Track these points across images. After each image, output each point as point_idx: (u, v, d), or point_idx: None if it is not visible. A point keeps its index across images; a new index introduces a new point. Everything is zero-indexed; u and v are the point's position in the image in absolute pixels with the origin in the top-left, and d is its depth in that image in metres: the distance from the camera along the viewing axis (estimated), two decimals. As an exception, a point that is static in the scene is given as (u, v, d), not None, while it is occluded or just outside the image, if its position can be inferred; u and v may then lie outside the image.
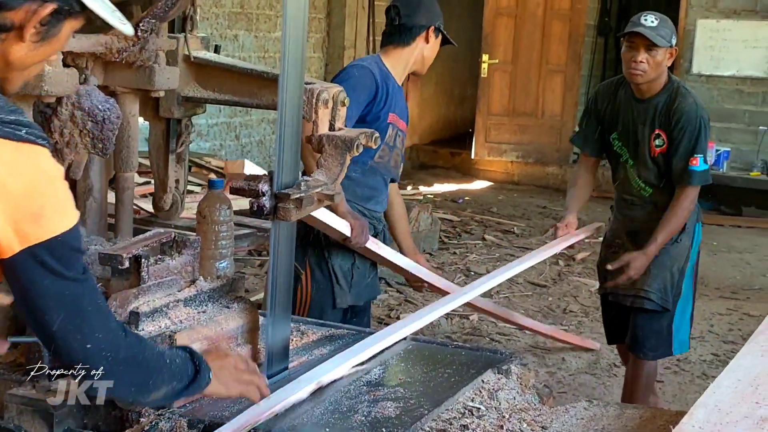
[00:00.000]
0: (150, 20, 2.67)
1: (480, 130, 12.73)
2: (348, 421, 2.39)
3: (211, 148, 9.63)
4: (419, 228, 8.37)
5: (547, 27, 12.54)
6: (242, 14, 9.97)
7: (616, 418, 2.68)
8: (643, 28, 4.26)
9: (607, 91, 4.60)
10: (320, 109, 2.68)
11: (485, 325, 6.69)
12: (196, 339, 2.46)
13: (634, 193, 4.55)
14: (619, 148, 4.52)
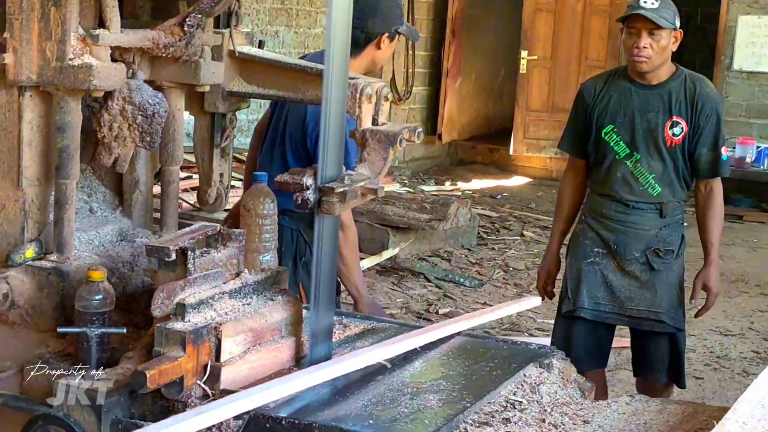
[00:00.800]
0: (196, 15, 2.69)
1: (518, 126, 12.71)
2: (391, 413, 2.41)
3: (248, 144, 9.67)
4: (458, 224, 8.38)
5: (586, 22, 12.49)
6: (282, 10, 10.01)
7: (658, 413, 2.68)
8: (644, 11, 3.96)
9: (595, 84, 4.28)
10: (364, 103, 2.69)
11: (524, 321, 6.69)
12: (242, 331, 2.49)
13: (636, 194, 4.15)
14: (615, 143, 4.15)
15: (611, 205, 4.20)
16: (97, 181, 3.00)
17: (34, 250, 2.65)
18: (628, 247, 4.17)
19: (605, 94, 4.19)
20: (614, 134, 4.16)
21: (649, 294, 4.17)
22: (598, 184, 4.25)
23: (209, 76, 2.89)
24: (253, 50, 3.03)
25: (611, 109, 4.16)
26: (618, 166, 4.16)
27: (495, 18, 13.67)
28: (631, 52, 4.05)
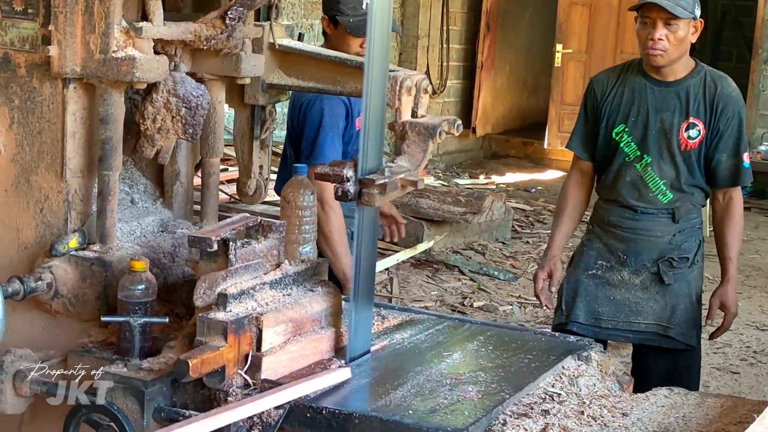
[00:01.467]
0: (238, 8, 2.71)
1: (553, 120, 12.66)
2: (430, 404, 2.42)
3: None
4: (492, 217, 8.37)
5: (621, 16, 12.40)
6: (318, 3, 10.02)
7: (696, 406, 2.68)
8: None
9: (608, 78, 3.92)
10: (403, 96, 2.70)
11: (559, 315, 6.68)
12: (282, 321, 2.51)
13: (646, 200, 3.84)
14: (626, 144, 3.82)
15: (618, 211, 3.90)
16: (138, 173, 3.03)
17: (77, 240, 2.68)
18: (639, 256, 3.87)
19: (618, 90, 3.86)
20: (625, 134, 3.84)
21: (658, 306, 3.84)
22: (606, 188, 3.93)
23: (250, 68, 2.91)
24: (293, 43, 3.05)
25: (624, 107, 3.84)
26: (627, 169, 3.85)
27: (530, 11, 13.63)
28: (645, 44, 3.69)
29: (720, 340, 6.32)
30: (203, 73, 2.91)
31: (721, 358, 6.07)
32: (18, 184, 2.72)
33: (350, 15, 3.77)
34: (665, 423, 2.56)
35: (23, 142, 2.70)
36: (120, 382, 2.40)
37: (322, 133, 3.85)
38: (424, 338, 2.88)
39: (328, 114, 3.82)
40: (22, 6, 2.64)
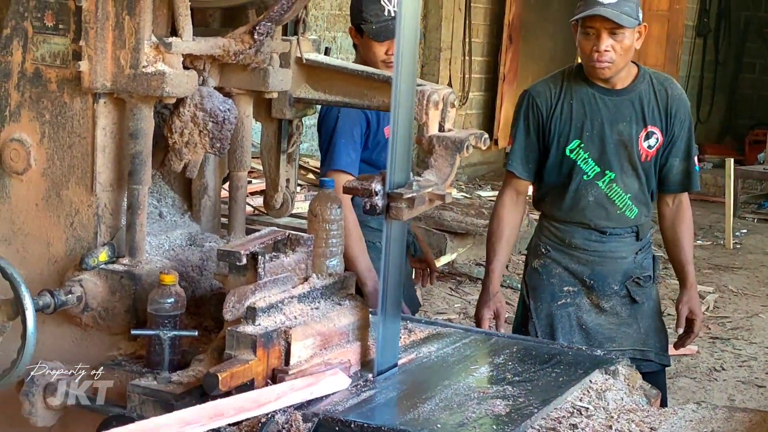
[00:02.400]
0: (266, 24, 2.72)
1: (575, 132, 12.64)
2: (458, 418, 2.42)
3: (308, 149, 9.74)
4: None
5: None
6: (341, 16, 10.06)
7: (725, 420, 2.67)
8: (602, 8, 3.41)
9: (548, 90, 3.66)
10: (431, 110, 2.71)
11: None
12: (310, 335, 2.52)
13: (613, 219, 3.66)
14: (583, 162, 3.61)
15: (583, 233, 3.69)
16: (166, 187, 3.05)
17: (106, 253, 2.70)
18: (606, 281, 3.69)
19: (564, 103, 3.63)
20: (581, 150, 3.62)
21: (631, 330, 3.71)
22: (563, 210, 3.70)
23: (277, 83, 2.93)
24: (320, 57, 3.07)
25: (575, 121, 3.61)
26: (588, 188, 3.64)
27: (552, 23, 13.61)
28: (590, 57, 3.50)
29: (746, 353, 6.34)
30: (231, 88, 2.93)
31: (746, 372, 6.05)
32: (48, 198, 2.74)
33: (373, 22, 3.79)
34: (694, 438, 2.55)
35: (54, 157, 2.72)
36: (150, 395, 2.41)
37: (335, 140, 3.90)
38: (451, 352, 2.89)
39: (342, 121, 3.86)
40: (53, 22, 2.67)
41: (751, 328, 6.94)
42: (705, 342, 6.54)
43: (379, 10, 3.77)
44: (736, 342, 6.61)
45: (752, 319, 7.13)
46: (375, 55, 3.80)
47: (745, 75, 14.79)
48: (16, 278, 2.47)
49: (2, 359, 2.54)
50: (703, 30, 13.43)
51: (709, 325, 6.91)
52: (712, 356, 6.28)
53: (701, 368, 6.06)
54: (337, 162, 3.87)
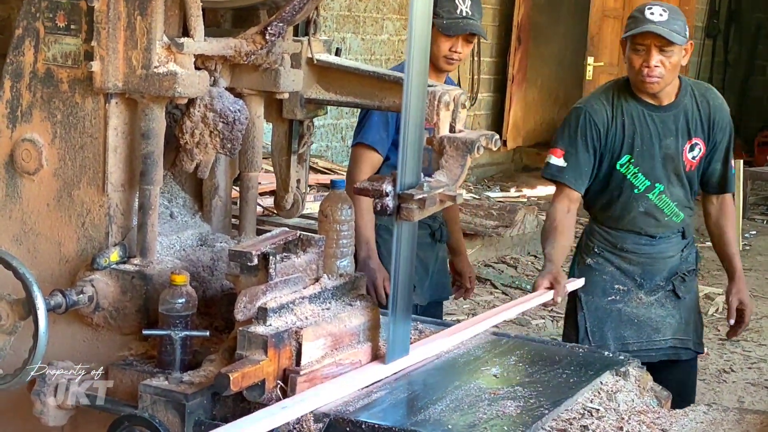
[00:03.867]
0: (278, 24, 2.73)
1: (584, 133, 12.62)
2: (469, 419, 2.42)
3: (317, 149, 9.75)
4: (525, 230, 8.37)
5: (654, 29, 12.40)
6: (350, 17, 10.07)
7: (736, 422, 2.67)
8: (654, 25, 3.57)
9: (603, 107, 3.80)
10: (441, 111, 2.71)
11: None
12: (321, 335, 2.52)
13: (662, 224, 3.86)
14: (633, 176, 3.79)
15: (634, 239, 3.89)
16: (177, 187, 3.05)
17: (118, 254, 2.70)
18: (654, 278, 3.90)
19: (618, 120, 3.78)
20: (631, 165, 3.79)
21: (674, 321, 3.91)
22: (614, 219, 3.89)
23: (289, 83, 2.94)
24: (331, 58, 3.07)
25: (627, 138, 3.76)
26: (639, 200, 3.82)
27: (561, 24, 13.62)
28: (640, 71, 3.66)
29: (755, 355, 6.33)
30: (242, 88, 2.94)
31: (756, 374, 6.04)
32: (60, 198, 2.74)
33: (444, 17, 3.89)
34: (705, 439, 2.55)
35: (65, 157, 2.72)
36: (161, 395, 2.41)
37: (371, 114, 3.96)
38: (461, 353, 2.89)
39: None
40: (65, 22, 2.68)
41: (760, 329, 6.93)
42: (714, 344, 6.53)
43: (452, 7, 3.91)
44: (745, 344, 6.60)
45: (761, 321, 7.11)
46: (439, 49, 3.90)
47: (756, 77, 14.77)
48: (27, 278, 2.48)
49: (14, 359, 2.55)
50: (713, 31, 13.42)
51: (718, 326, 6.90)
52: (721, 358, 6.27)
53: (710, 370, 6.05)
54: (366, 136, 3.95)
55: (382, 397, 2.52)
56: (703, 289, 7.72)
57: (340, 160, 9.91)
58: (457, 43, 3.94)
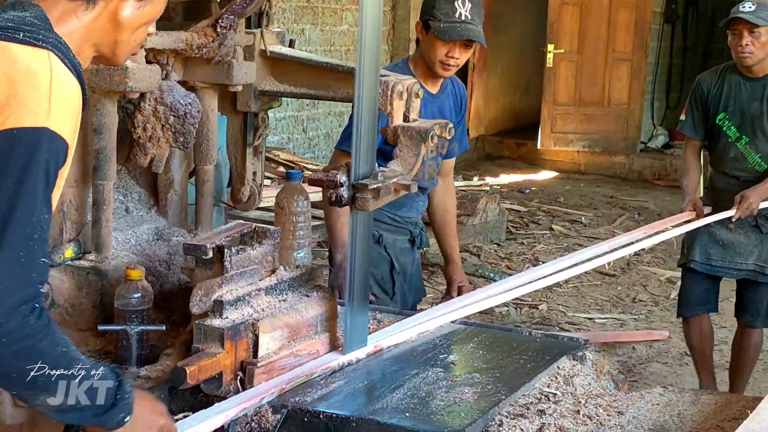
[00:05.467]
0: (229, 17, 2.73)
1: (546, 120, 12.70)
2: (427, 406, 2.43)
3: (279, 142, 9.74)
4: (487, 219, 8.39)
5: (613, 15, 12.47)
6: (308, 8, 10.05)
7: (691, 404, 2.69)
8: (743, 14, 4.70)
9: (711, 77, 5.01)
10: (395, 100, 2.72)
11: (555, 315, 6.71)
12: (278, 327, 2.52)
13: (747, 170, 4.90)
14: (727, 128, 4.91)
15: (725, 179, 4.97)
16: (132, 182, 3.04)
17: (72, 250, 2.69)
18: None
19: (718, 86, 4.93)
20: (726, 120, 4.90)
21: (756, 251, 4.92)
22: (716, 162, 5.04)
23: (242, 76, 2.93)
24: (285, 49, 3.07)
25: (723, 100, 4.91)
26: (730, 147, 4.92)
27: (521, 12, 13.67)
28: (736, 50, 4.77)
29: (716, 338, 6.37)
30: (195, 82, 2.93)
31: (717, 356, 6.08)
32: (13, 195, 2.72)
33: (442, 20, 3.71)
34: (661, 421, 2.58)
35: (17, 153, 2.70)
36: (118, 391, 2.40)
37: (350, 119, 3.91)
38: (419, 341, 2.90)
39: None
40: (14, 18, 2.65)
41: (722, 312, 6.95)
42: (676, 327, 6.58)
43: (451, 10, 3.72)
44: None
45: (722, 303, 7.15)
46: (435, 53, 3.74)
47: (713, 61, 14.86)
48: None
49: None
50: (672, 16, 13.49)
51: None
52: (682, 341, 6.29)
53: (672, 353, 6.10)
54: (343, 142, 3.83)
55: (340, 387, 2.53)
56: (665, 273, 7.81)
57: (302, 152, 9.91)
58: (455, 49, 3.71)
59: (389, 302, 3.83)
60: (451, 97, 3.97)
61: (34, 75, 1.82)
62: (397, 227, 3.96)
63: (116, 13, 1.98)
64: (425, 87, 3.81)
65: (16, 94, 1.79)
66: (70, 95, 1.86)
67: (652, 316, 6.84)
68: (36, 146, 1.78)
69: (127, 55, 2.07)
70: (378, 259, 3.85)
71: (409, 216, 3.99)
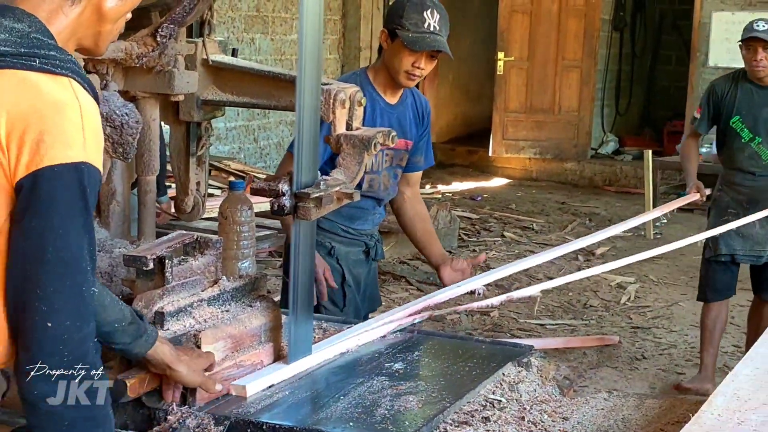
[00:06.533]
0: (169, 26, 2.70)
1: (497, 128, 12.76)
2: (371, 416, 2.42)
3: (230, 152, 9.70)
4: (438, 226, 8.40)
5: (562, 23, 12.56)
6: (258, 17, 10.03)
7: (636, 408, 2.71)
8: (758, 32, 5.27)
9: (724, 83, 5.57)
10: (337, 109, 2.71)
11: (506, 322, 6.72)
12: (221, 338, 2.50)
13: (762, 166, 5.46)
14: (741, 130, 5.44)
15: (741, 175, 5.51)
16: (74, 193, 3.00)
17: (12, 262, 2.65)
18: (757, 206, 5.38)
19: (731, 92, 5.48)
20: (740, 123, 5.44)
21: None
22: (729, 160, 5.57)
23: (183, 85, 2.91)
24: (227, 58, 3.05)
25: (738, 104, 5.46)
26: (745, 147, 5.45)
27: (471, 20, 13.73)
28: (750, 64, 5.35)
29: (666, 341, 6.44)
30: (136, 91, 2.90)
31: (666, 360, 6.15)
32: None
33: (411, 30, 3.68)
34: (605, 426, 2.59)
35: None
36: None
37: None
38: (364, 350, 2.89)
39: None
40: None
41: (671, 316, 7.05)
42: (626, 332, 6.64)
43: (420, 20, 3.69)
44: (656, 330, 6.71)
45: (672, 308, 7.24)
46: (401, 63, 3.71)
47: (662, 67, 15.03)
48: None
49: None
50: (620, 24, 13.60)
51: (630, 315, 7.01)
52: (633, 345, 6.37)
53: (623, 358, 6.14)
54: (292, 145, 3.80)
55: (284, 397, 2.51)
56: (615, 278, 7.85)
57: (253, 161, 9.88)
58: (421, 59, 3.70)
59: (339, 314, 3.80)
60: (410, 110, 3.95)
61: (63, 107, 1.82)
62: (351, 239, 3.94)
63: (100, 6, 1.98)
64: (384, 97, 3.83)
65: (49, 129, 1.79)
66: (97, 122, 1.89)
67: (602, 321, 6.88)
68: (78, 182, 1.81)
69: (108, 45, 2.08)
70: (333, 273, 3.84)
71: (363, 228, 3.97)
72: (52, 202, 1.79)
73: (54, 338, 1.82)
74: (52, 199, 1.79)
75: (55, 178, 1.79)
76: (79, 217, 1.82)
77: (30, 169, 1.78)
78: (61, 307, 1.81)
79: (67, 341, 1.83)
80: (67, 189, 1.80)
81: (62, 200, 1.79)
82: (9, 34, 1.86)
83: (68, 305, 1.82)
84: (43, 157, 1.78)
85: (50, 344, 1.81)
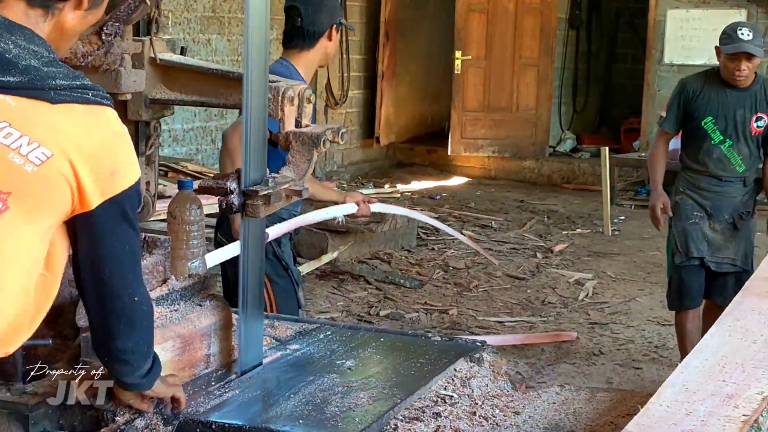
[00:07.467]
0: (113, 24, 2.68)
1: (455, 127, 12.77)
2: (322, 413, 2.42)
3: (187, 153, 9.65)
4: (396, 225, 8.41)
5: (519, 21, 12.60)
6: (214, 18, 9.98)
7: (587, 401, 2.72)
8: (743, 44, 5.06)
9: (696, 83, 5.39)
10: (286, 106, 2.70)
11: (465, 319, 6.73)
12: (169, 337, 2.49)
13: (728, 170, 5.32)
14: (712, 131, 5.28)
15: (707, 179, 5.35)
16: (21, 194, 2.97)
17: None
18: (721, 211, 5.34)
19: (705, 93, 5.31)
20: (712, 124, 5.27)
21: (732, 245, 5.37)
22: (696, 162, 5.38)
23: (130, 84, 2.88)
24: (174, 57, 3.02)
25: (710, 105, 5.28)
26: (713, 149, 5.30)
27: (428, 19, 13.73)
28: (732, 72, 5.14)
29: (623, 337, 6.48)
30: (83, 91, 2.87)
31: (624, 354, 6.18)
32: None
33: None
34: (556, 419, 2.60)
35: None
36: (3, 407, 2.34)
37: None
38: (316, 348, 2.89)
39: None
40: None
41: (628, 312, 7.09)
42: (584, 328, 6.66)
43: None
44: (614, 326, 6.74)
45: (630, 303, 7.28)
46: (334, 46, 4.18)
47: (618, 65, 15.12)
48: None
49: None
50: (576, 22, 13.68)
51: (588, 311, 7.04)
52: (591, 341, 6.39)
53: (581, 353, 6.16)
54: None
55: (234, 396, 2.50)
56: (573, 275, 7.89)
57: (211, 163, 9.83)
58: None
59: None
60: None
61: (120, 134, 2.06)
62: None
63: (63, 23, 2.09)
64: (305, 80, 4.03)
65: (119, 159, 2.04)
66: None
67: (561, 317, 6.90)
68: (139, 194, 2.16)
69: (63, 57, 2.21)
70: (287, 290, 3.90)
71: (296, 209, 4.07)
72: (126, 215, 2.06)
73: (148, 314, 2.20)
74: (126, 214, 2.06)
75: (128, 197, 2.05)
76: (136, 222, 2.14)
77: (105, 197, 2.01)
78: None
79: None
80: (133, 201, 2.09)
81: (131, 211, 2.09)
82: (38, 60, 2.00)
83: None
84: (117, 185, 2.02)
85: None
